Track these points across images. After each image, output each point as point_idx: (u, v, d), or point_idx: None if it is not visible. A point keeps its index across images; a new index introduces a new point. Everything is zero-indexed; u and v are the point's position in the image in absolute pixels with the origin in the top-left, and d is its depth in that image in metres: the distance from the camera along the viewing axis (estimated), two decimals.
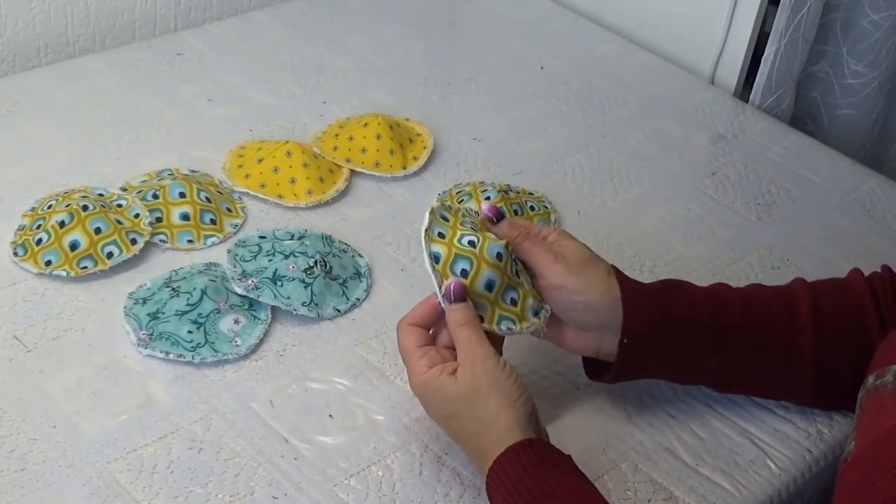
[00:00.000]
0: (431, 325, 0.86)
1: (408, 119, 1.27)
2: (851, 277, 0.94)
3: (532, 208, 1.13)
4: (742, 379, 0.92)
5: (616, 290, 0.86)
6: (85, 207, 1.02)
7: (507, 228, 0.89)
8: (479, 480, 0.86)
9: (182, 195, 1.08)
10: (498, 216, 0.89)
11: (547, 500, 0.76)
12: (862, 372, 0.85)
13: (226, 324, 0.96)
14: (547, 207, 1.16)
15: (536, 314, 0.87)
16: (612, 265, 0.89)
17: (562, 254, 0.87)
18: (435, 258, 0.85)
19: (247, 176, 1.15)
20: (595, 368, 0.92)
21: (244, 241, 1.06)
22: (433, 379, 0.82)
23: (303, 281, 1.00)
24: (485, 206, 0.90)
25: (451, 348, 0.85)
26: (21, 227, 1.05)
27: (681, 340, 0.88)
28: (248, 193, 1.14)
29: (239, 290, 0.98)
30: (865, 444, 0.75)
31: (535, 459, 0.78)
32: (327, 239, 1.07)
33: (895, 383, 0.77)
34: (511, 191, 1.14)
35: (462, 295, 0.84)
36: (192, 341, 0.94)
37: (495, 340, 0.85)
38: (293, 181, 1.14)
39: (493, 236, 0.87)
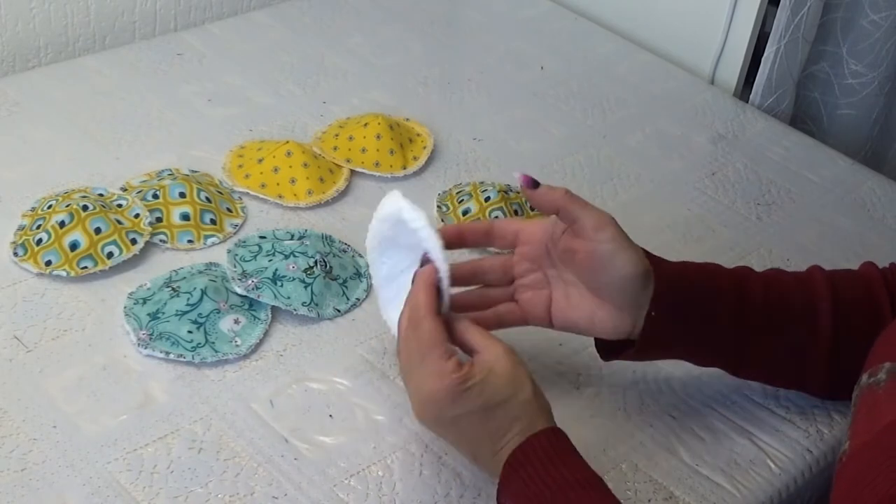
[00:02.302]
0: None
1: (408, 119, 1.27)
2: (867, 269, 0.94)
3: (532, 208, 1.13)
4: (758, 361, 0.91)
5: (647, 262, 0.86)
6: (85, 207, 1.02)
7: (548, 191, 0.87)
8: (478, 480, 0.86)
9: (182, 195, 1.08)
10: (534, 183, 0.87)
11: (579, 487, 0.77)
12: None
13: (226, 324, 0.96)
14: None
15: None
16: None
17: (612, 216, 0.86)
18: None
19: (247, 176, 1.15)
20: (610, 349, 0.91)
21: (244, 241, 1.06)
22: (474, 373, 0.80)
23: (303, 281, 1.00)
24: (517, 175, 0.88)
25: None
26: (21, 227, 1.05)
27: (705, 316, 0.87)
28: (248, 193, 1.14)
29: (239, 290, 0.98)
30: (860, 443, 0.75)
31: (563, 446, 0.80)
32: (327, 239, 1.07)
33: (888, 381, 0.77)
34: (511, 191, 1.14)
35: None
36: (192, 341, 0.94)
37: None
38: (293, 181, 1.14)
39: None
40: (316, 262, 1.01)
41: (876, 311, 0.90)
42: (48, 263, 1.01)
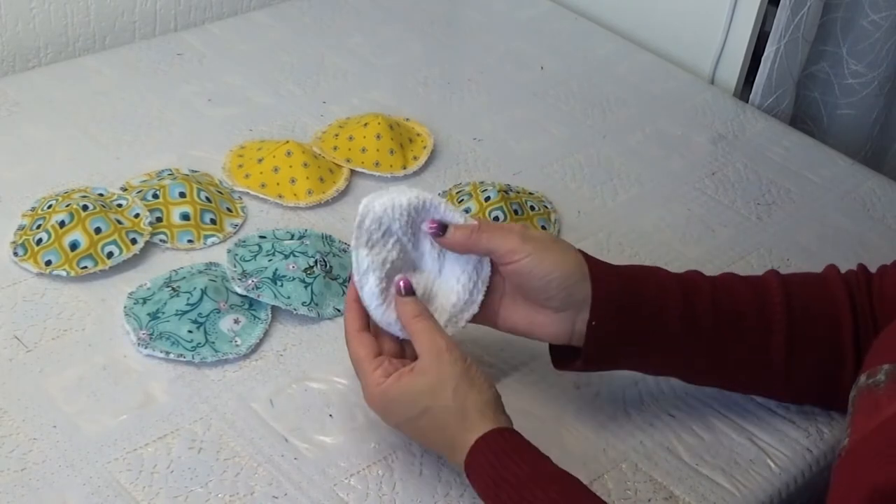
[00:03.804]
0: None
1: (408, 119, 1.27)
2: (827, 273, 0.94)
3: (532, 208, 1.13)
4: (712, 371, 0.91)
5: (586, 268, 0.86)
6: (85, 207, 1.02)
7: (457, 234, 0.86)
8: None
9: (182, 195, 1.08)
10: (441, 228, 0.87)
11: (532, 484, 0.76)
12: (832, 366, 0.85)
13: (226, 324, 0.96)
14: (547, 207, 1.16)
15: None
16: (579, 249, 0.88)
17: (529, 234, 0.86)
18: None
19: (247, 176, 1.15)
20: (562, 359, 0.91)
21: (244, 241, 1.06)
22: (392, 386, 0.82)
23: (303, 281, 1.00)
24: (425, 225, 0.87)
25: (399, 357, 0.86)
26: (21, 227, 1.05)
27: (650, 324, 0.87)
28: (248, 193, 1.14)
29: (239, 290, 0.98)
30: (859, 437, 0.75)
31: (509, 447, 0.78)
32: (327, 239, 1.07)
33: (888, 382, 0.77)
34: (511, 191, 1.14)
35: (411, 288, 0.85)
36: (192, 341, 0.94)
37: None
38: (293, 181, 1.14)
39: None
40: (316, 262, 1.01)
41: (833, 316, 0.90)
42: (48, 263, 1.01)
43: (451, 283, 0.88)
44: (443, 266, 0.89)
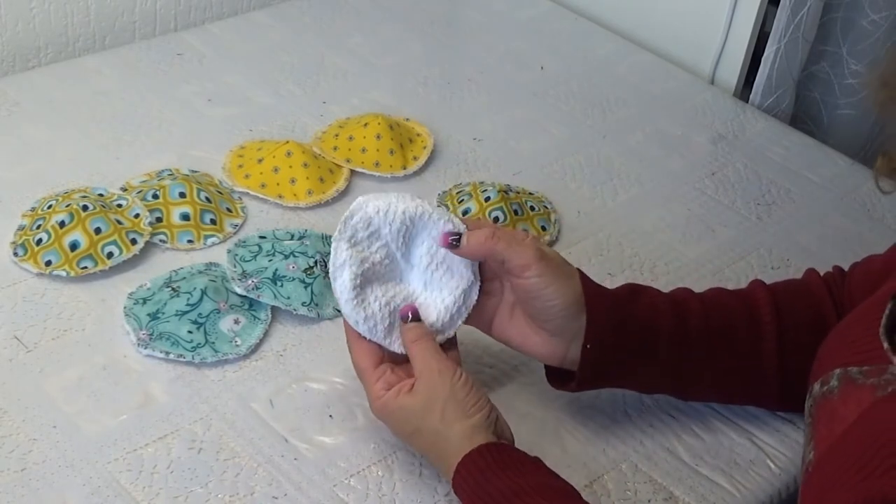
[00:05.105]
0: None
1: (408, 119, 1.27)
2: (810, 279, 0.94)
3: (532, 208, 1.13)
4: (705, 385, 0.91)
5: (583, 299, 0.86)
6: (85, 207, 1.02)
7: (472, 241, 0.86)
8: None
9: (182, 195, 1.08)
10: (455, 239, 0.86)
11: (515, 497, 0.76)
12: None
13: (226, 324, 0.96)
14: (547, 207, 1.16)
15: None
16: (577, 269, 0.88)
17: (543, 253, 0.85)
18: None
19: (247, 176, 1.15)
20: (557, 377, 0.91)
21: (244, 241, 1.06)
22: (391, 401, 0.82)
23: (303, 281, 1.00)
24: (441, 239, 0.86)
25: (403, 363, 0.86)
26: (21, 227, 1.05)
27: (643, 346, 0.87)
28: (248, 193, 1.14)
29: (239, 290, 0.98)
30: (824, 450, 0.75)
31: (494, 462, 0.79)
32: (327, 239, 1.07)
33: (841, 387, 0.77)
34: (511, 191, 1.14)
35: (418, 316, 0.86)
36: (192, 341, 0.94)
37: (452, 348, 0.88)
38: (293, 181, 1.14)
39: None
40: (316, 262, 1.01)
41: (822, 323, 0.90)
42: (48, 263, 1.01)
43: (436, 303, 0.88)
44: (429, 283, 0.88)
